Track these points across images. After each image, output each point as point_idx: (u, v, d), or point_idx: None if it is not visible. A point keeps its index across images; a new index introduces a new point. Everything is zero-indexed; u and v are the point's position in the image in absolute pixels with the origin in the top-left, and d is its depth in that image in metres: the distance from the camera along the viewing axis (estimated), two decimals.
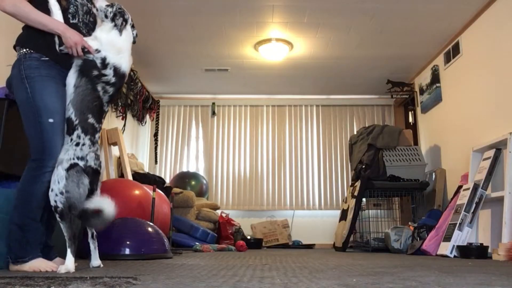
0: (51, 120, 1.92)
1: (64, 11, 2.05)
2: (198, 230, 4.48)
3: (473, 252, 3.23)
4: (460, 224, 3.45)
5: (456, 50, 4.50)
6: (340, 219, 5.11)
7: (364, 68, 5.45)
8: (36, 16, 1.94)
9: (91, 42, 2.00)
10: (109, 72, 1.99)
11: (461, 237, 3.40)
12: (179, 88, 6.30)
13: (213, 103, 6.55)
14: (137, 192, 3.45)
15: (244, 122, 6.54)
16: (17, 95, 1.98)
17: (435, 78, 5.00)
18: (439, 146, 5.02)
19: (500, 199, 3.32)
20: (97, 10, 2.11)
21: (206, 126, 6.55)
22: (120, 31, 2.08)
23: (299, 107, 6.57)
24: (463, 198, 3.61)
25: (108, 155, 4.58)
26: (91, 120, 1.94)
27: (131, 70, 4.94)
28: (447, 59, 4.70)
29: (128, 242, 2.65)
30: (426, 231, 3.89)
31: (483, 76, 4.00)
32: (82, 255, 2.48)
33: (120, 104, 4.95)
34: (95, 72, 1.96)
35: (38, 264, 1.88)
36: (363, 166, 4.77)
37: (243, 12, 4.14)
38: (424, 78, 5.33)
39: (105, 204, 1.84)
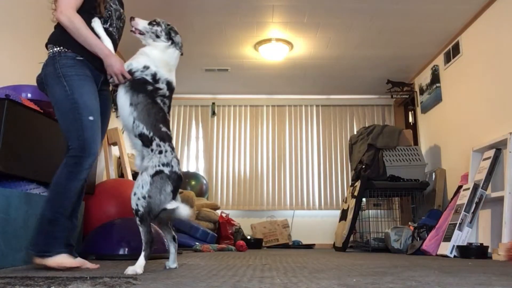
0: (91, 118, 1.94)
1: (100, 18, 2.08)
2: (198, 230, 4.48)
3: (473, 252, 3.23)
4: (460, 224, 3.45)
5: (456, 50, 4.50)
6: (340, 219, 5.11)
7: (364, 68, 5.45)
8: (85, 36, 1.97)
9: (142, 58, 2.02)
10: (163, 86, 2.01)
11: (461, 237, 3.40)
12: (179, 88, 6.21)
13: (213, 103, 6.55)
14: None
15: (244, 122, 6.54)
16: (53, 93, 1.98)
17: (435, 78, 5.00)
18: (439, 146, 5.02)
19: (500, 199, 3.32)
20: (139, 32, 2.12)
21: (206, 126, 6.55)
22: (180, 48, 2.14)
23: (299, 107, 6.57)
24: (463, 198, 3.61)
25: (108, 155, 4.58)
26: (163, 129, 1.96)
27: None
28: (447, 59, 4.70)
29: (128, 242, 2.65)
30: (426, 231, 3.89)
31: (483, 76, 4.00)
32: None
33: None
34: (150, 87, 1.98)
35: (62, 260, 1.87)
36: (363, 166, 4.77)
37: (243, 12, 4.14)
38: (424, 78, 5.33)
39: (180, 204, 1.88)
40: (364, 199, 4.92)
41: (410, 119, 5.89)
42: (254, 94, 6.47)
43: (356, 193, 4.66)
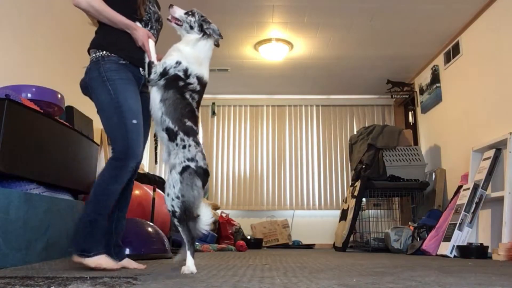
0: (135, 121, 1.96)
1: (140, 20, 2.11)
2: None
3: (473, 252, 3.23)
4: (460, 224, 3.45)
5: (456, 50, 4.50)
6: (340, 219, 5.11)
7: (364, 68, 5.45)
8: (108, 14, 1.98)
9: (175, 54, 2.03)
10: (193, 81, 2.01)
11: (461, 237, 3.40)
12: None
13: (213, 103, 6.55)
14: (137, 192, 3.45)
15: (244, 122, 6.54)
16: (98, 97, 2.00)
17: (435, 78, 5.00)
18: (439, 146, 5.02)
19: (500, 199, 3.32)
20: (175, 21, 2.13)
21: (206, 126, 6.55)
22: (219, 35, 2.13)
23: (299, 107, 6.57)
24: (463, 198, 3.61)
25: (108, 155, 4.58)
26: (188, 123, 1.96)
27: None
28: (447, 59, 4.70)
29: (128, 242, 2.64)
30: (426, 231, 3.89)
31: (483, 76, 4.00)
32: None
33: None
34: (181, 83, 1.99)
35: (102, 261, 1.89)
36: (363, 166, 4.77)
37: (243, 12, 4.14)
38: (424, 78, 5.33)
39: (204, 210, 1.88)
40: (364, 199, 4.91)
41: (410, 119, 5.89)
42: (254, 94, 6.47)
43: (356, 193, 4.66)
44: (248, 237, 5.53)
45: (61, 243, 2.59)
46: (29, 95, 2.60)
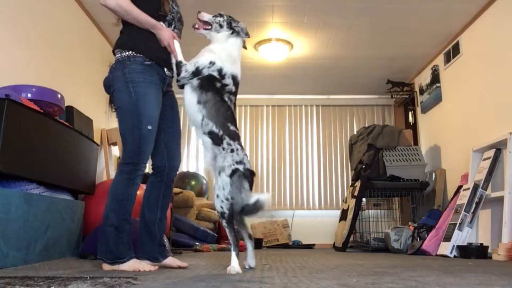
0: (149, 127, 1.98)
1: (164, 19, 2.13)
2: (198, 230, 4.47)
3: (473, 252, 3.23)
4: (460, 224, 3.45)
5: (456, 50, 4.50)
6: (340, 219, 5.11)
7: (364, 68, 5.45)
8: (135, 14, 2.00)
9: (207, 54, 2.05)
10: (229, 81, 2.03)
11: (461, 237, 3.40)
12: (179, 88, 6.29)
13: None
14: (137, 192, 3.45)
15: (244, 122, 6.54)
16: (118, 98, 2.01)
17: (435, 78, 5.00)
18: (439, 146, 5.02)
19: (500, 199, 3.32)
20: (203, 26, 2.16)
21: None
22: (246, 34, 2.16)
23: (299, 107, 6.56)
24: (463, 198, 3.60)
25: (108, 155, 4.58)
26: (232, 127, 1.99)
27: None
28: (447, 59, 4.70)
29: None
30: (426, 231, 3.88)
31: (483, 76, 4.00)
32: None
33: None
34: (218, 84, 2.00)
35: (137, 264, 1.92)
36: (363, 166, 4.77)
37: (243, 12, 4.13)
38: (424, 78, 5.33)
39: (261, 196, 1.91)
40: (364, 199, 4.91)
41: (410, 119, 5.89)
42: (254, 94, 6.47)
43: (356, 193, 4.66)
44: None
45: (61, 243, 2.59)
46: (29, 95, 2.60)
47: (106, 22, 4.28)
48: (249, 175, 1.95)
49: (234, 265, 1.82)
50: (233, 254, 1.86)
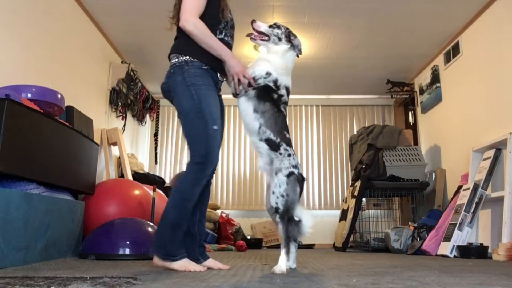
0: (215, 127, 2.02)
1: (223, 25, 2.17)
2: None
3: (473, 252, 3.23)
4: (460, 224, 3.45)
5: (456, 50, 4.50)
6: (340, 219, 5.11)
7: (364, 68, 5.45)
8: (211, 41, 2.04)
9: (264, 64, 2.11)
10: (283, 92, 2.12)
11: (461, 237, 3.40)
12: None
13: None
14: (137, 192, 3.46)
15: None
16: (181, 102, 2.05)
17: (435, 78, 5.00)
18: (439, 146, 5.02)
19: (500, 199, 3.32)
20: (260, 37, 2.20)
21: None
22: (299, 50, 2.21)
23: (299, 107, 6.56)
24: (463, 198, 3.61)
25: (108, 155, 4.58)
26: (287, 135, 2.10)
27: (131, 70, 4.93)
28: (447, 59, 4.70)
29: (128, 242, 2.65)
30: (426, 231, 3.88)
31: (483, 76, 4.00)
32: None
33: (120, 104, 4.95)
34: (275, 95, 2.09)
35: (187, 264, 1.95)
36: (363, 166, 4.77)
37: (243, 12, 4.13)
38: (424, 78, 5.33)
39: (306, 215, 1.97)
40: (364, 199, 4.91)
41: (410, 119, 5.89)
42: None
43: (356, 193, 4.66)
44: (248, 237, 5.53)
45: (61, 243, 2.59)
46: (29, 95, 2.60)
47: (106, 22, 4.28)
48: (301, 180, 2.04)
49: (281, 264, 1.86)
50: (282, 252, 1.89)
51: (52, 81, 3.33)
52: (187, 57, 2.06)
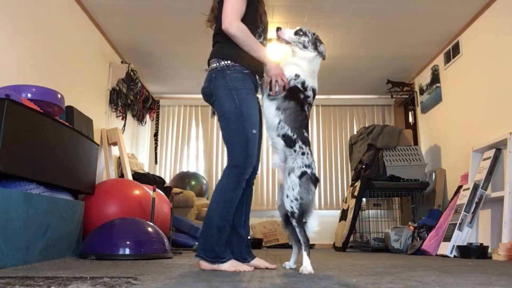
0: (254, 131, 2.06)
1: (261, 29, 2.22)
2: (198, 230, 4.47)
3: (473, 252, 3.23)
4: (460, 224, 3.45)
5: (456, 50, 4.50)
6: (340, 219, 5.11)
7: (364, 68, 5.44)
8: (252, 44, 2.08)
9: (293, 67, 2.16)
10: (310, 93, 2.16)
11: (461, 237, 3.40)
12: (179, 88, 6.30)
13: None
14: (137, 192, 3.45)
15: None
16: (222, 105, 2.09)
17: (435, 78, 5.00)
18: (439, 146, 5.02)
19: (500, 199, 3.32)
20: (285, 41, 2.24)
21: (206, 126, 6.55)
22: (323, 56, 2.25)
23: None
24: (463, 198, 3.61)
25: (108, 155, 4.58)
26: (306, 134, 2.10)
27: (131, 70, 4.93)
28: (447, 59, 4.70)
29: (128, 242, 2.65)
30: (426, 231, 3.89)
31: (483, 76, 4.00)
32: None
33: (120, 104, 4.95)
34: (301, 95, 2.12)
35: (236, 265, 2.00)
36: (363, 166, 4.77)
37: None
38: (424, 78, 5.33)
39: (312, 219, 1.99)
40: (364, 199, 4.91)
41: (410, 119, 5.89)
42: None
43: (356, 193, 4.66)
44: (248, 237, 5.52)
45: (61, 243, 2.59)
46: (29, 95, 2.60)
47: (106, 22, 4.28)
48: (314, 180, 2.03)
49: (306, 265, 1.88)
50: (305, 254, 1.91)
51: (52, 81, 3.33)
52: (228, 61, 2.10)
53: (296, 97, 2.10)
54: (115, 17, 4.18)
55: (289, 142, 2.05)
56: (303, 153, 2.03)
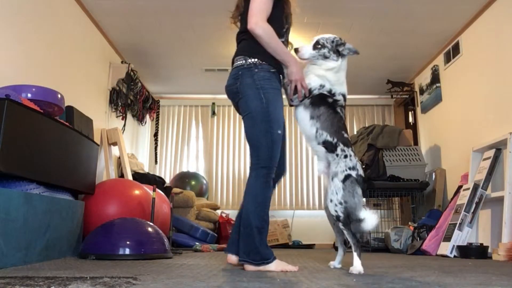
0: (279, 132, 2.05)
1: (286, 30, 2.21)
2: (198, 230, 4.48)
3: (473, 252, 3.23)
4: (460, 224, 3.45)
5: (456, 50, 4.50)
6: None
7: (364, 68, 5.44)
8: (277, 45, 2.06)
9: (314, 78, 2.12)
10: (340, 98, 2.13)
11: (461, 237, 3.40)
12: (179, 88, 6.30)
13: (213, 103, 6.55)
14: (137, 192, 3.45)
15: None
16: (248, 103, 2.06)
17: (435, 78, 5.00)
18: (439, 146, 5.02)
19: (500, 199, 3.32)
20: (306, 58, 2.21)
21: (206, 126, 6.55)
22: (354, 52, 2.26)
23: None
24: (463, 198, 3.61)
25: (108, 155, 4.58)
26: (346, 135, 2.08)
27: (131, 70, 4.93)
28: (447, 59, 4.70)
29: (128, 242, 2.65)
30: (426, 231, 3.89)
31: (483, 76, 4.00)
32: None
33: (120, 104, 4.95)
34: (330, 100, 2.10)
35: (282, 265, 1.99)
36: (363, 166, 4.77)
37: None
38: (424, 78, 5.33)
39: (369, 215, 1.96)
40: (364, 199, 4.91)
41: (410, 119, 5.89)
42: None
43: None
44: None
45: (61, 243, 2.59)
46: (29, 95, 2.60)
47: (106, 22, 4.28)
48: (361, 182, 2.01)
49: (356, 264, 1.88)
50: (355, 254, 1.92)
51: (52, 81, 3.33)
52: (255, 59, 2.07)
53: (325, 102, 2.08)
54: (115, 17, 4.18)
55: (330, 147, 2.04)
56: (345, 156, 2.01)
